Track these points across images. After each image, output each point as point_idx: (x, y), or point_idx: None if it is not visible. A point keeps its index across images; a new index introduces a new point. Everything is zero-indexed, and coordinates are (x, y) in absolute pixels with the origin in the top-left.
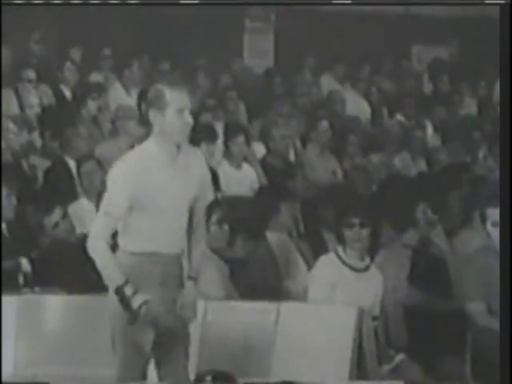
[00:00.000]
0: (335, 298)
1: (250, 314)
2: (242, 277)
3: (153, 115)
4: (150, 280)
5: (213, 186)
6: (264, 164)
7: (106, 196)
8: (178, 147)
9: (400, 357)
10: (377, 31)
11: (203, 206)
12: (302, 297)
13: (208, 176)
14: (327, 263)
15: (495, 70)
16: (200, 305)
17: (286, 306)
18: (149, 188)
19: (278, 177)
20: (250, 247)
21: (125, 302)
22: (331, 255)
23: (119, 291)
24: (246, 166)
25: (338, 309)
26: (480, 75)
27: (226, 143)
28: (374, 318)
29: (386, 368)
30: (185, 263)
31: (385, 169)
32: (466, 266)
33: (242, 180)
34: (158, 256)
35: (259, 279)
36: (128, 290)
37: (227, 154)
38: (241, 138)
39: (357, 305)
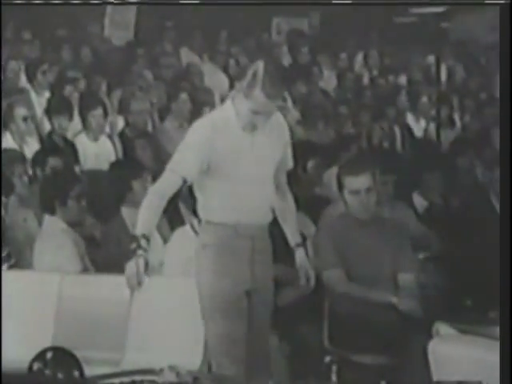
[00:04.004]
0: (191, 272)
1: (106, 288)
2: (98, 252)
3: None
4: (238, 256)
5: (73, 159)
6: (123, 137)
7: (175, 154)
8: (256, 113)
9: None
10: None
11: (284, 172)
12: (158, 270)
13: (289, 142)
14: (182, 236)
15: (355, 42)
16: (55, 279)
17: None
18: (225, 153)
19: (134, 150)
20: (105, 223)
21: (134, 250)
22: (186, 228)
23: (135, 239)
24: (103, 139)
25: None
26: (340, 48)
27: (83, 116)
28: None
29: None
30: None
31: None
32: (322, 234)
33: (100, 153)
34: (244, 227)
35: (115, 254)
36: (143, 243)
37: (84, 126)
38: (98, 111)
39: None
